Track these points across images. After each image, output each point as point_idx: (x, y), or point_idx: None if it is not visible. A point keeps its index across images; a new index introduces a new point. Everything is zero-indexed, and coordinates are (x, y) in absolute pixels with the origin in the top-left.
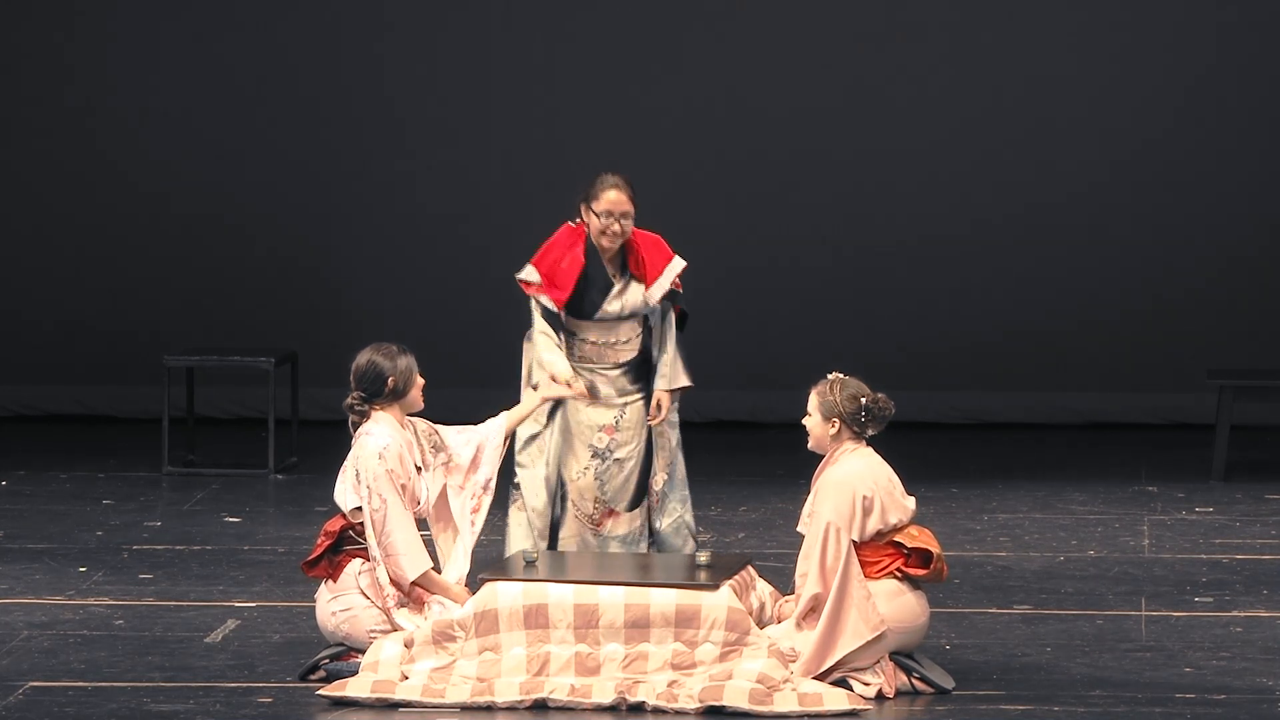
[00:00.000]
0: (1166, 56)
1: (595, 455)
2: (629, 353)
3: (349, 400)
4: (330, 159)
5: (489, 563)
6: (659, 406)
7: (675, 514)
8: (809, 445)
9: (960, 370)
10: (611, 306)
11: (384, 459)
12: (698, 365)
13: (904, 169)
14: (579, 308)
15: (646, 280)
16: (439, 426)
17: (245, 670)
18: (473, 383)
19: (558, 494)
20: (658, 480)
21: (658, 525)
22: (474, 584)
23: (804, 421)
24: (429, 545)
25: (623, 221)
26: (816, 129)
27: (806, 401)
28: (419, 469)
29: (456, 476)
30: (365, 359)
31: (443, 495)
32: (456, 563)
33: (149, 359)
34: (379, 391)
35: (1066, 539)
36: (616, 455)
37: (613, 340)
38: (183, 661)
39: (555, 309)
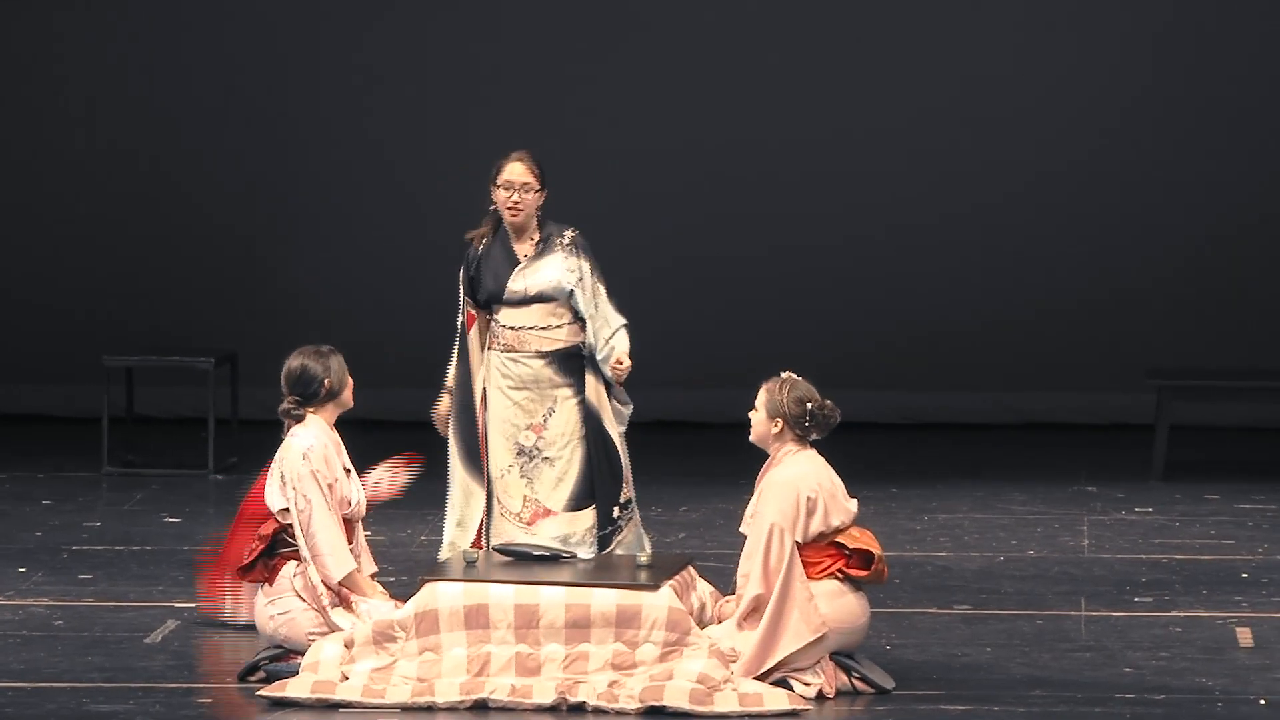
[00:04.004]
0: (1114, 54)
1: (521, 454)
2: (553, 342)
3: (284, 405)
4: (270, 159)
5: (429, 562)
6: (620, 361)
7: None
8: (750, 437)
9: (900, 370)
10: (516, 284)
11: (308, 459)
12: (640, 362)
13: (846, 169)
14: (490, 289)
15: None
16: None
17: (185, 671)
18: (414, 383)
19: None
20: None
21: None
22: (415, 584)
23: (750, 414)
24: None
25: (522, 193)
26: (766, 126)
27: (756, 394)
28: (348, 471)
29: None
30: (297, 363)
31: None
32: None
33: (88, 359)
34: (315, 394)
35: (1006, 539)
36: (545, 454)
37: (530, 324)
38: (122, 662)
39: (468, 293)
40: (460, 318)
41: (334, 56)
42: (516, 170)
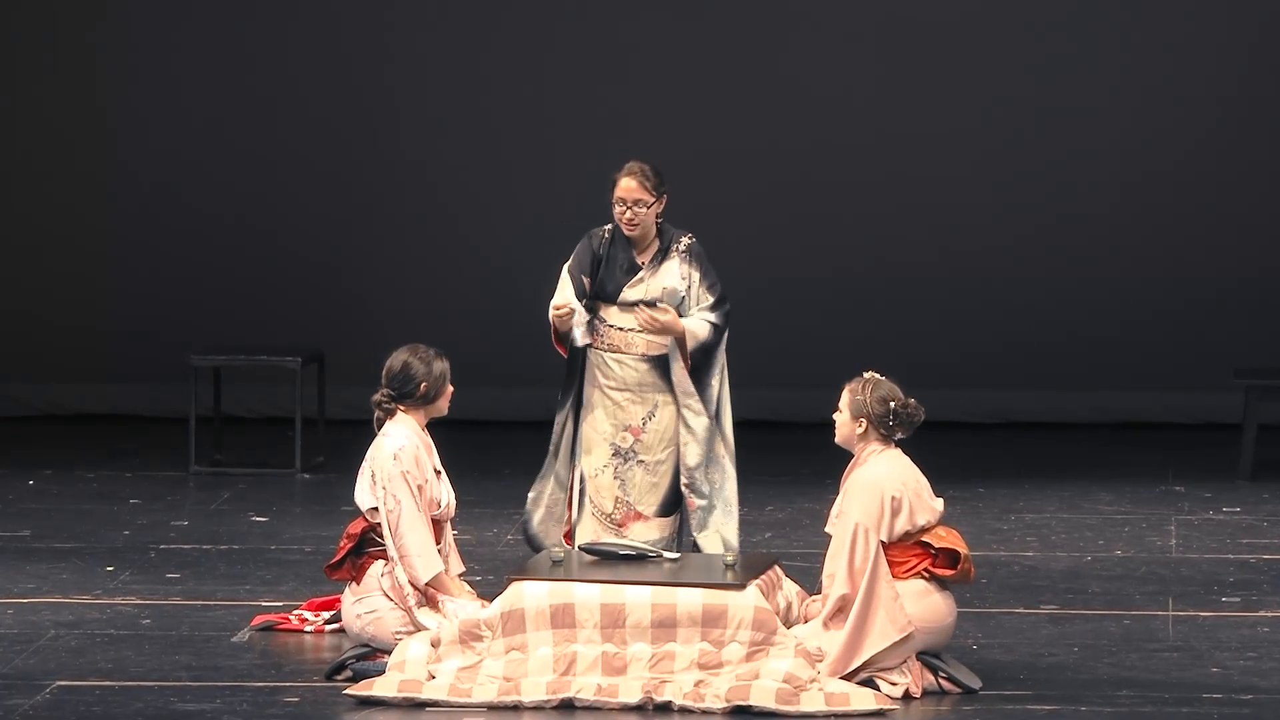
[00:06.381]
0: (1207, 58)
1: (616, 454)
2: (659, 346)
3: (377, 397)
4: (357, 161)
5: (516, 561)
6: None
7: (714, 527)
8: (836, 439)
9: (987, 369)
10: (634, 291)
11: (399, 460)
12: (729, 362)
13: (934, 167)
14: (603, 289)
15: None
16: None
17: (272, 670)
18: (496, 383)
19: (578, 488)
20: (689, 478)
21: (694, 536)
22: (501, 584)
23: (834, 415)
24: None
25: (635, 209)
26: (846, 127)
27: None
28: (438, 472)
29: None
30: (401, 359)
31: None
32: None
33: (175, 358)
34: (410, 393)
35: (1093, 539)
36: (640, 457)
37: (639, 329)
38: (209, 661)
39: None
40: (561, 302)
41: (420, 65)
42: (629, 187)
